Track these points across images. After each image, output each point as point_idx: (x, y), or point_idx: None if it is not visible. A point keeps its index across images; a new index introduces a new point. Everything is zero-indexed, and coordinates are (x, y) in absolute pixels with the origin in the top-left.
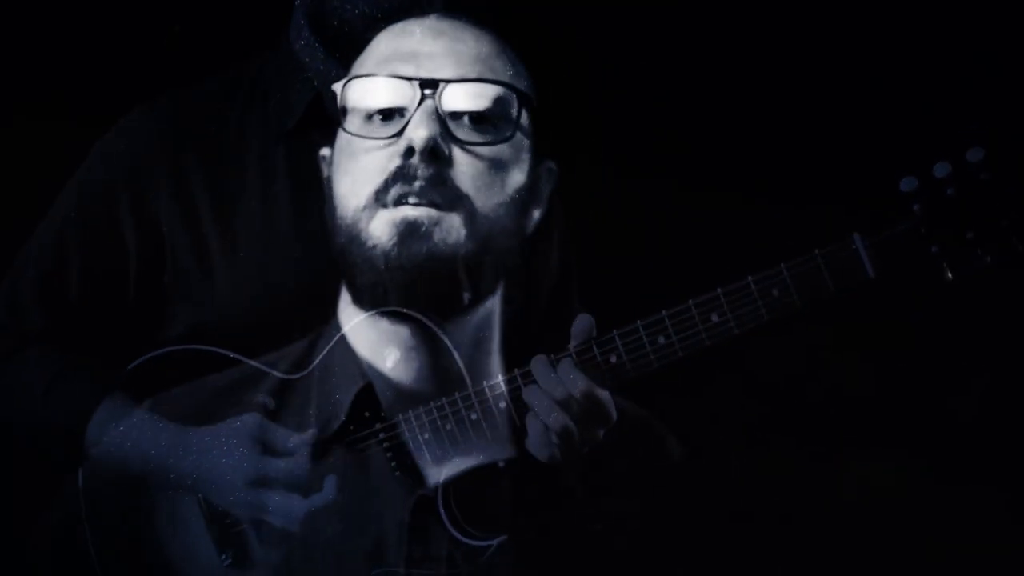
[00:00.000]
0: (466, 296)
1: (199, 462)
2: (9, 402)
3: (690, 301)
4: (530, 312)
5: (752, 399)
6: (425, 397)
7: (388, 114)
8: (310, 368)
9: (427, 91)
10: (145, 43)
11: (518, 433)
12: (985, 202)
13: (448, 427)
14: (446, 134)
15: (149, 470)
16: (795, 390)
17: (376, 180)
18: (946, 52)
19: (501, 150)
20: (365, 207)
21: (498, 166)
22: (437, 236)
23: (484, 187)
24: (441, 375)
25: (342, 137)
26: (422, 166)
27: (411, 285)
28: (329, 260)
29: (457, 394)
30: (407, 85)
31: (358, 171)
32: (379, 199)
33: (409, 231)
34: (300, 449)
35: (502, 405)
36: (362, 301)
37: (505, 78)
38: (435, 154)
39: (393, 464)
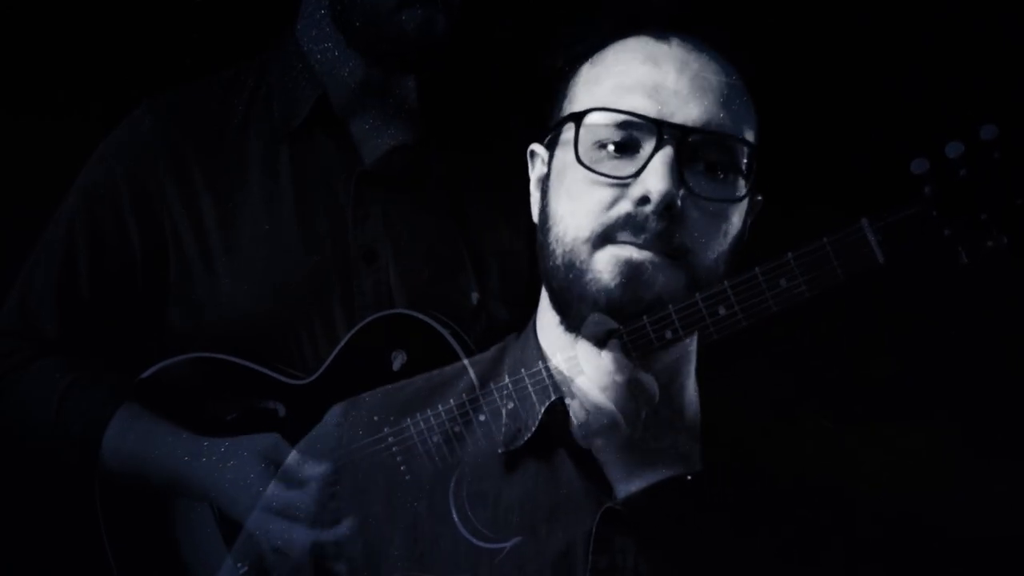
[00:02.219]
0: (668, 333)
1: (211, 472)
2: (25, 411)
3: (697, 295)
4: None
5: (780, 373)
6: (616, 419)
7: (623, 147)
8: (320, 372)
9: (667, 135)
10: (148, 40)
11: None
12: (1000, 182)
13: (457, 429)
14: (682, 186)
15: (165, 478)
16: (824, 362)
17: (603, 218)
18: (956, 30)
19: (734, 204)
20: (588, 240)
21: (723, 218)
22: (660, 285)
23: (709, 240)
24: (636, 403)
25: (569, 156)
26: (655, 218)
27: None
28: (332, 260)
29: (466, 396)
30: (649, 124)
31: (584, 199)
32: (603, 238)
33: (634, 274)
34: (311, 480)
35: (510, 406)
36: (572, 328)
37: (743, 124)
38: (669, 209)
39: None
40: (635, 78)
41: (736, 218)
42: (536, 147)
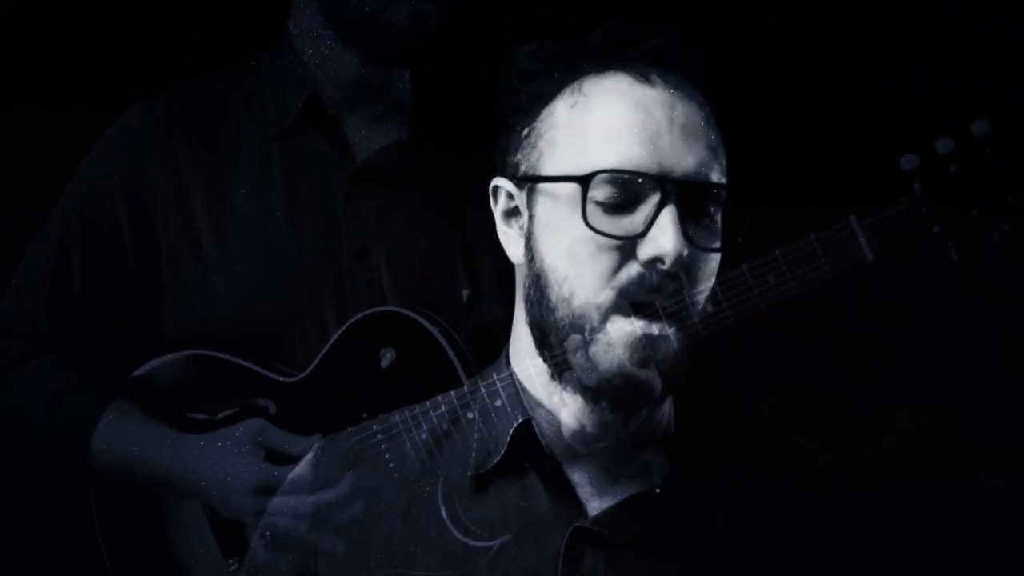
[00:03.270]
0: None
1: (203, 470)
2: (23, 410)
3: (683, 292)
4: None
5: (789, 353)
6: (588, 440)
7: (623, 202)
8: (310, 369)
9: (670, 191)
10: (148, 40)
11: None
12: (990, 178)
13: (444, 426)
14: (688, 241)
15: (153, 478)
16: (833, 343)
17: (614, 282)
18: (946, 26)
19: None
20: (600, 306)
21: (714, 262)
22: (665, 351)
23: (704, 288)
24: (609, 429)
25: (561, 210)
26: (667, 280)
27: (630, 394)
28: (325, 257)
29: (453, 393)
30: (650, 180)
31: (591, 262)
32: (619, 305)
33: (647, 346)
34: (304, 454)
35: (498, 403)
36: (571, 386)
37: (722, 163)
38: (679, 266)
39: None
40: (627, 127)
41: (717, 258)
42: (501, 182)
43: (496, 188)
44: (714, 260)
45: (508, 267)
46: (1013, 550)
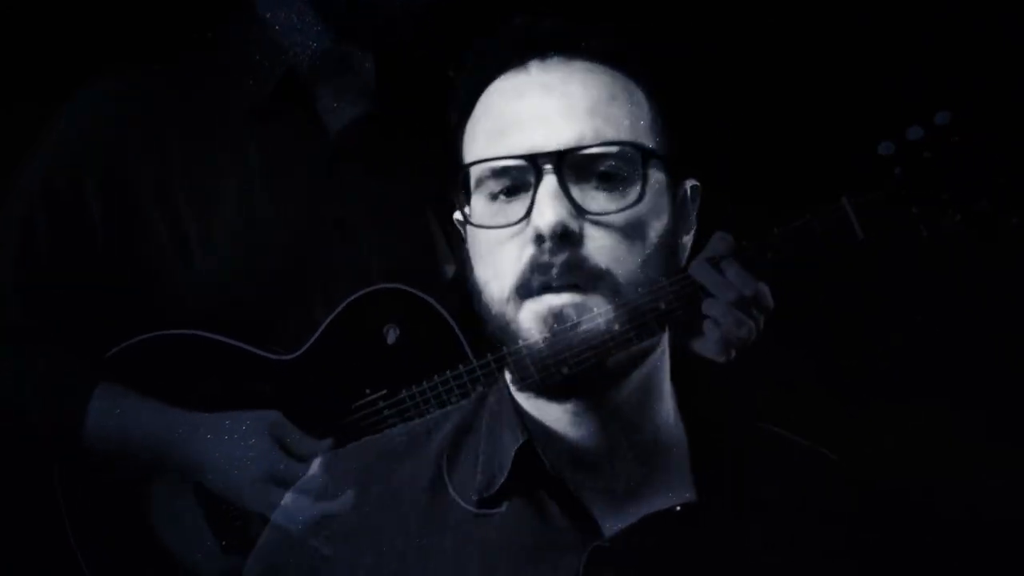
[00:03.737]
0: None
1: (209, 448)
2: (3, 391)
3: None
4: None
5: (786, 349)
6: (592, 457)
7: (511, 191)
8: (307, 347)
9: (545, 166)
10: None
11: None
12: (957, 164)
13: (454, 400)
14: (574, 210)
15: (151, 454)
16: (835, 340)
17: (514, 271)
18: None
19: (636, 209)
20: (509, 299)
21: (636, 225)
22: (585, 322)
23: (624, 254)
24: (611, 439)
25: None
26: (555, 252)
27: (571, 375)
28: (305, 235)
29: (462, 366)
30: (523, 163)
31: (492, 260)
32: (520, 292)
33: (558, 322)
34: (315, 455)
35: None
36: (524, 388)
37: (624, 125)
38: (566, 237)
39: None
40: (502, 119)
41: (658, 219)
42: (457, 215)
43: (458, 222)
44: (633, 229)
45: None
46: (1013, 550)
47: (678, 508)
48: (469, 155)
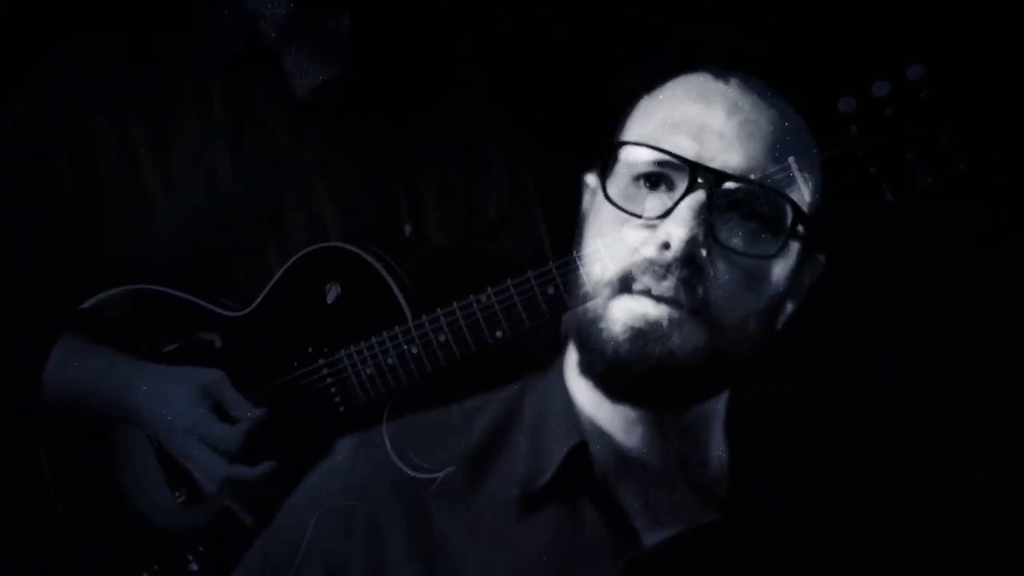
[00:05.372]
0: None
1: (149, 397)
2: None
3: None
4: None
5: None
6: (640, 465)
7: (655, 182)
8: (256, 304)
9: (700, 179)
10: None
11: None
12: (925, 121)
13: (390, 361)
14: (709, 235)
15: (106, 404)
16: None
17: (625, 260)
18: None
19: (767, 261)
20: (609, 283)
21: (759, 275)
22: (675, 341)
23: (738, 296)
24: (664, 456)
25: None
26: (676, 265)
27: (639, 382)
28: (267, 193)
29: (398, 328)
30: (684, 165)
31: (612, 239)
32: (624, 283)
33: (646, 329)
34: (244, 422)
35: (442, 338)
36: (585, 372)
37: (791, 174)
38: (692, 259)
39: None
40: (682, 116)
41: (777, 278)
42: (588, 178)
43: (584, 184)
44: (756, 277)
45: (455, 196)
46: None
47: (717, 520)
48: (633, 132)
